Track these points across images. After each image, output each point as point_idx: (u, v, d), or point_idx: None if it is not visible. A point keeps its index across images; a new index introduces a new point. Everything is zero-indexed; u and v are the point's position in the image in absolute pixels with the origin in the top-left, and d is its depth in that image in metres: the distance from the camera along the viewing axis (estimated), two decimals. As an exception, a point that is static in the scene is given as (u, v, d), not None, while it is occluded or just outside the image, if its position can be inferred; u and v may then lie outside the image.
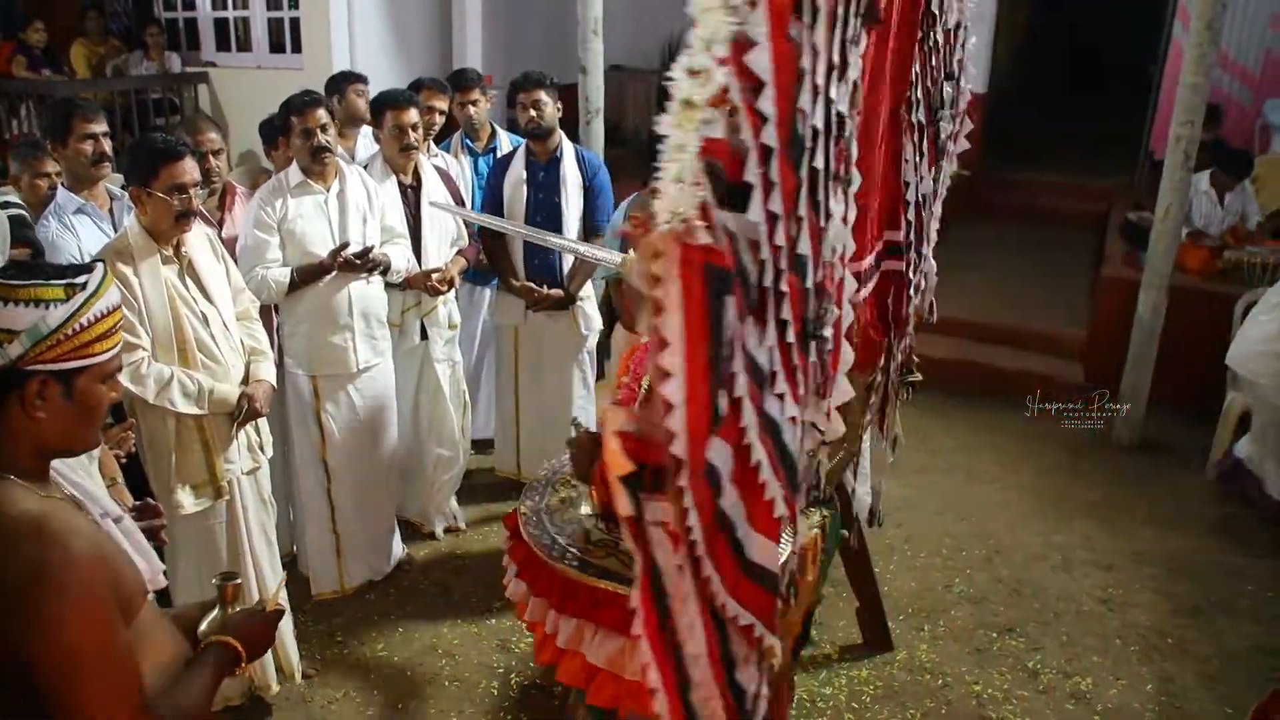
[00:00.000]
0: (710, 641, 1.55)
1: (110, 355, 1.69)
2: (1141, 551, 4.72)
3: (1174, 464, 5.63)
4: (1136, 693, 3.74)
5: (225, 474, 3.24)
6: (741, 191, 1.29)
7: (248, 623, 1.87)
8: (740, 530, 1.54)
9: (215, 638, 1.80)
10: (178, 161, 3.00)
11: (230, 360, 3.22)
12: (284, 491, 4.15)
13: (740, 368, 1.37)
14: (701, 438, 1.33)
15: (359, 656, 3.88)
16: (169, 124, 7.95)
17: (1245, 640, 4.06)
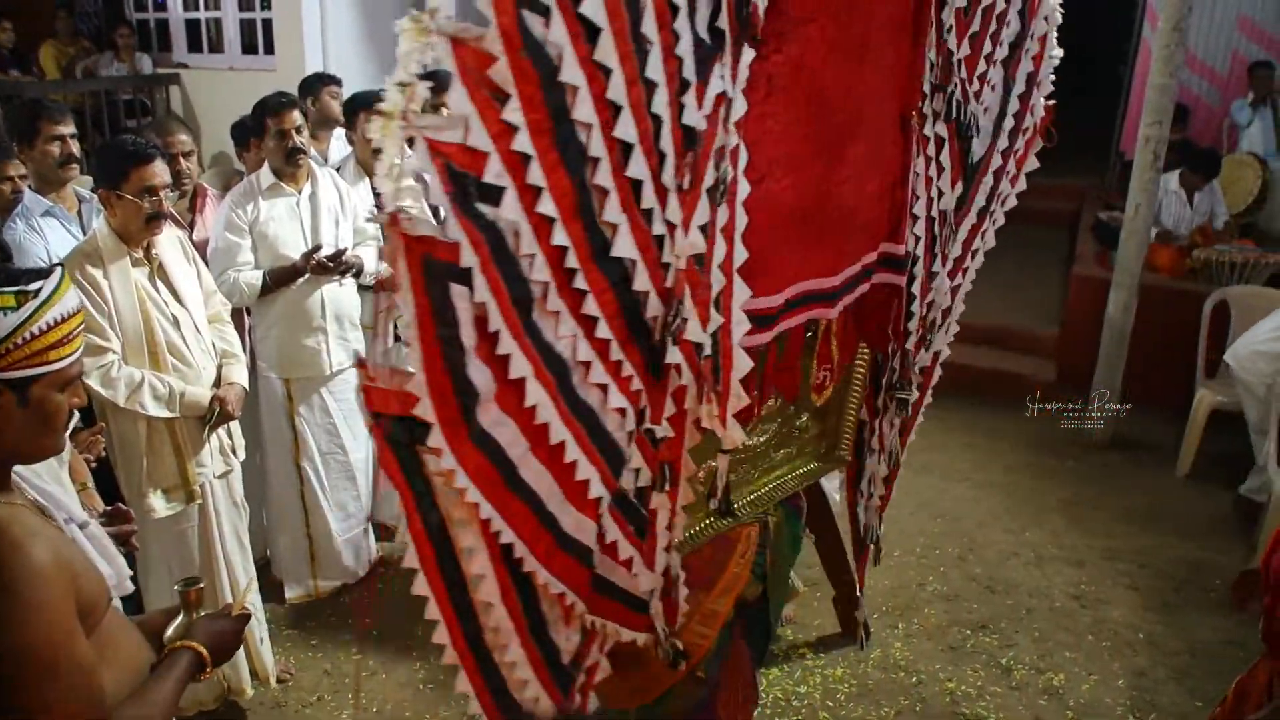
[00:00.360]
0: (508, 597, 1.80)
1: (67, 362, 1.65)
2: (1113, 548, 4.77)
3: (1144, 461, 5.69)
4: (1108, 688, 3.77)
5: (197, 478, 3.22)
6: (495, 190, 1.42)
7: (212, 627, 1.85)
8: (552, 504, 1.74)
9: (179, 643, 1.78)
10: (148, 164, 2.98)
11: (201, 363, 3.20)
12: (257, 495, 4.13)
13: (515, 349, 1.53)
14: (447, 402, 1.50)
15: (333, 660, 3.87)
16: (140, 126, 7.87)
17: (1215, 634, 4.10)
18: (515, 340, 1.55)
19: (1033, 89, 3.02)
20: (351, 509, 4.28)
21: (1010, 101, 2.90)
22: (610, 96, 1.52)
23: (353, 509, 4.29)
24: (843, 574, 3.98)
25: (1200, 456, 5.57)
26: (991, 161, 2.90)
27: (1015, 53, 2.83)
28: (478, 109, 1.37)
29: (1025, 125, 3.01)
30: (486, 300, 1.48)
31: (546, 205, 1.50)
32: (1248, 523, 4.91)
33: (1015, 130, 2.97)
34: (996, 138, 2.88)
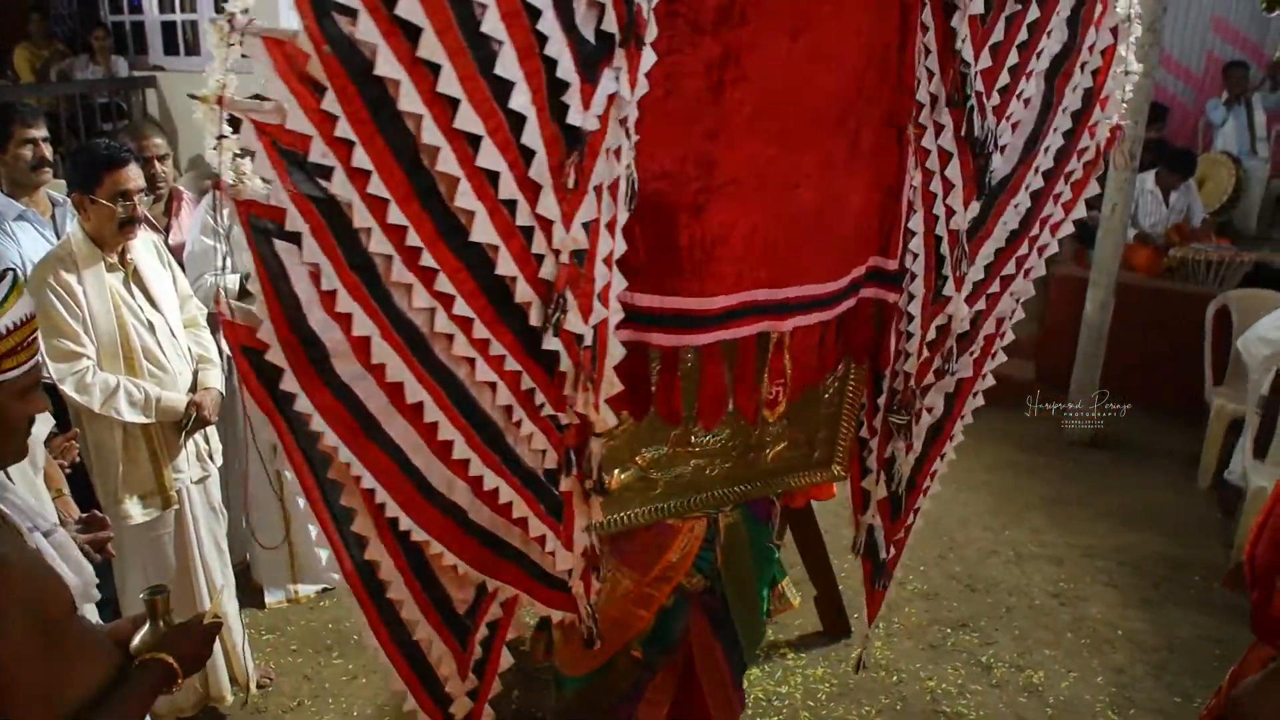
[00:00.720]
0: (384, 534, 1.94)
1: (22, 371, 1.61)
2: (1092, 546, 4.80)
3: (1123, 459, 5.73)
4: (1088, 684, 3.79)
5: (174, 483, 3.20)
6: (324, 167, 1.59)
7: (183, 637, 1.82)
8: (417, 459, 1.88)
9: (148, 654, 1.75)
10: (121, 168, 2.96)
11: (177, 368, 3.18)
12: (236, 500, 4.10)
13: (356, 309, 1.69)
14: (295, 350, 1.68)
15: (314, 665, 3.85)
16: (116, 129, 7.82)
17: (1193, 630, 4.14)
18: (356, 301, 1.70)
19: (1092, 107, 2.61)
20: (331, 513, 4.26)
21: (1058, 118, 2.56)
22: (442, 90, 1.62)
23: (332, 513, 4.26)
24: (823, 572, 4.00)
25: (1183, 456, 5.63)
26: (1025, 182, 2.57)
27: (1062, 65, 2.51)
28: (296, 99, 1.53)
29: (1083, 146, 2.63)
30: (320, 261, 1.64)
31: (377, 187, 1.63)
32: (1226, 519, 4.95)
33: (1066, 150, 2.62)
34: (1033, 157, 2.55)
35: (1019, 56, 2.40)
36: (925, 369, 2.65)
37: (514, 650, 2.32)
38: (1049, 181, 2.63)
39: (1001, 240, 2.62)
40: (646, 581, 2.55)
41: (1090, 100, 2.59)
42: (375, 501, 1.89)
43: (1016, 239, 2.66)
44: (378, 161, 1.62)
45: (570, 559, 2.17)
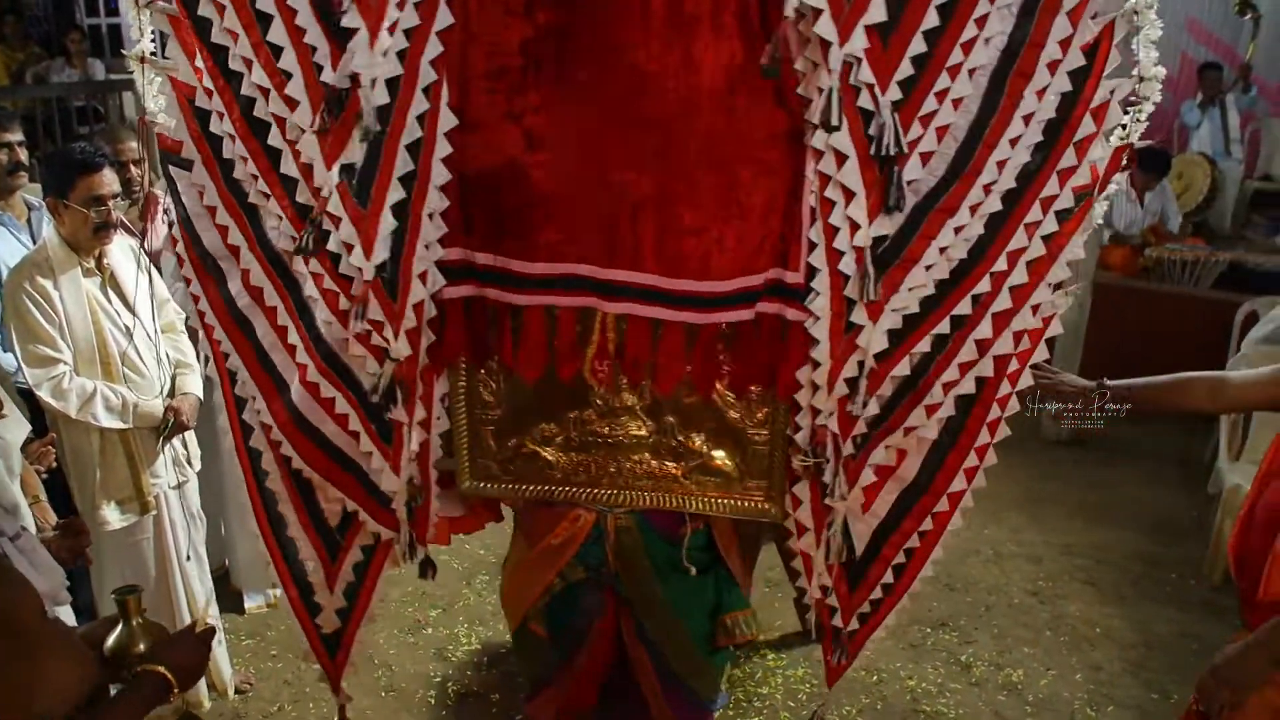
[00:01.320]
0: (279, 460, 2.40)
1: None
2: (1070, 544, 4.83)
3: (1099, 458, 5.78)
4: (1066, 682, 3.82)
5: (151, 488, 3.19)
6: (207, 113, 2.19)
7: (178, 647, 1.81)
8: (276, 358, 2.32)
9: (145, 667, 1.74)
10: (95, 173, 2.95)
11: (155, 373, 3.17)
12: (215, 505, 4.09)
13: (229, 221, 2.25)
14: (194, 260, 2.34)
15: (294, 670, 3.83)
16: (92, 132, 7.78)
17: (1169, 626, 4.17)
18: (230, 216, 2.24)
19: (1075, 119, 2.06)
20: (311, 517, 4.25)
21: (1015, 127, 2.05)
22: (240, 53, 2.10)
23: (312, 517, 4.25)
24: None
25: (1158, 454, 5.68)
26: (965, 200, 2.07)
27: (1014, 62, 2.01)
28: (185, 56, 2.15)
29: (1066, 166, 2.08)
30: (204, 183, 2.23)
31: (226, 125, 2.16)
32: (1204, 516, 4.99)
33: (1039, 170, 2.08)
34: (973, 170, 2.06)
35: (928, 44, 1.97)
36: (842, 405, 2.20)
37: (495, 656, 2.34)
38: (1015, 206, 2.09)
39: (945, 271, 2.12)
40: (532, 556, 2.60)
41: (1071, 109, 2.05)
42: (248, 394, 2.37)
43: (969, 272, 2.13)
44: (228, 108, 2.15)
45: (395, 483, 2.34)
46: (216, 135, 2.18)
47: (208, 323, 2.35)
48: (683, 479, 2.46)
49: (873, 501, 2.32)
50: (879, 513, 2.34)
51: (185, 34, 2.13)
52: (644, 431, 2.42)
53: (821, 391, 2.17)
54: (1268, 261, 6.65)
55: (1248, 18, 8.37)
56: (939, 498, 2.33)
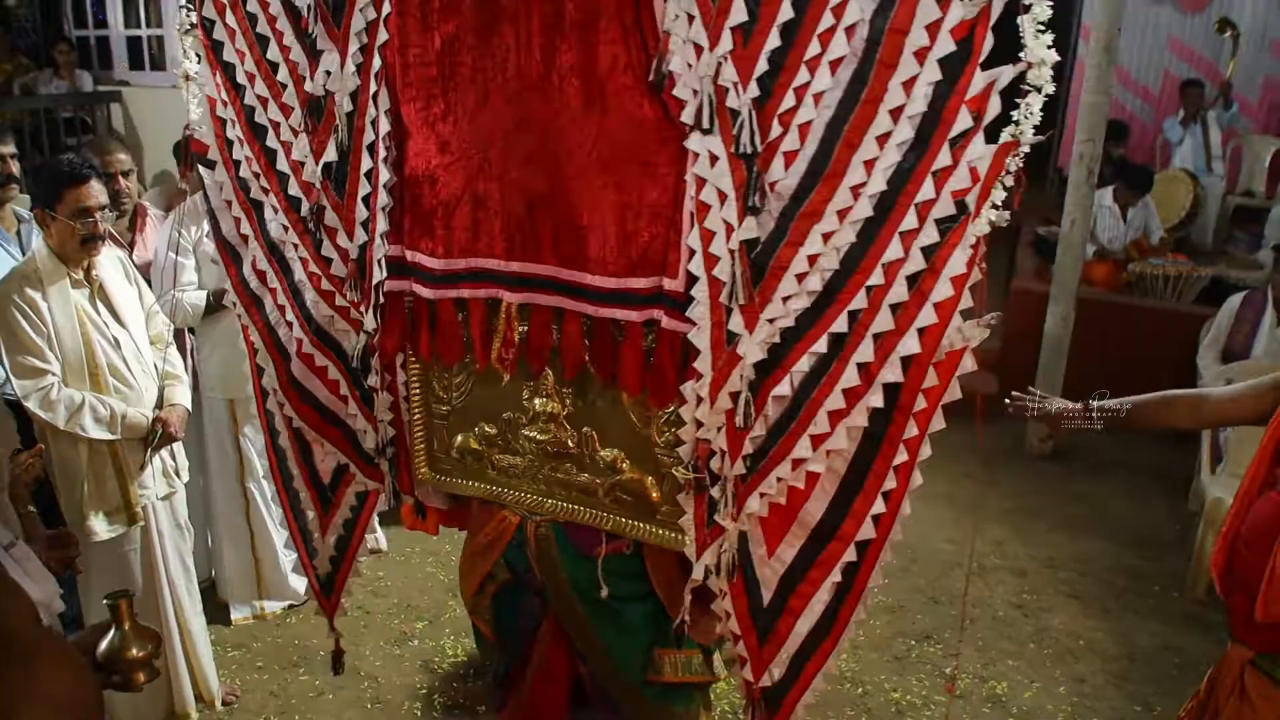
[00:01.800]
0: (286, 425, 2.80)
1: None
2: (1053, 557, 4.86)
3: (1081, 471, 5.82)
4: (1050, 694, 3.84)
5: (139, 500, 3.19)
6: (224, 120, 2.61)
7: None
8: (281, 333, 2.70)
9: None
10: (82, 185, 2.97)
11: (143, 385, 3.18)
12: (202, 517, 4.09)
13: (240, 213, 2.66)
14: (223, 250, 2.76)
15: (280, 682, 3.83)
16: (81, 144, 7.76)
17: (1152, 639, 4.20)
18: (242, 209, 2.64)
19: (949, 112, 1.82)
20: (298, 529, 4.25)
21: (882, 122, 1.86)
22: (245, 69, 2.50)
23: (299, 529, 4.26)
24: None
25: (1139, 467, 5.72)
26: (830, 204, 1.93)
27: (877, 51, 1.84)
28: (211, 73, 2.57)
29: (941, 166, 1.84)
30: (223, 180, 2.65)
31: (236, 130, 2.58)
32: (1186, 530, 5.03)
33: (913, 171, 1.87)
34: (836, 171, 1.91)
35: (784, 39, 1.88)
36: (733, 430, 2.10)
37: (482, 668, 2.35)
38: (888, 212, 1.91)
39: (818, 282, 1.98)
40: (470, 549, 2.80)
41: (944, 102, 1.83)
42: (264, 363, 2.76)
43: (842, 285, 1.97)
44: (235, 112, 2.56)
45: (374, 440, 2.67)
46: (230, 139, 2.60)
47: (234, 300, 2.76)
48: (601, 495, 2.46)
49: (775, 546, 2.18)
50: (784, 559, 2.18)
51: (209, 55, 2.57)
52: (570, 442, 2.46)
53: (705, 404, 2.09)
54: (1249, 276, 6.72)
55: (1227, 35, 8.47)
56: (846, 544, 2.14)
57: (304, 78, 2.43)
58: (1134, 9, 8.65)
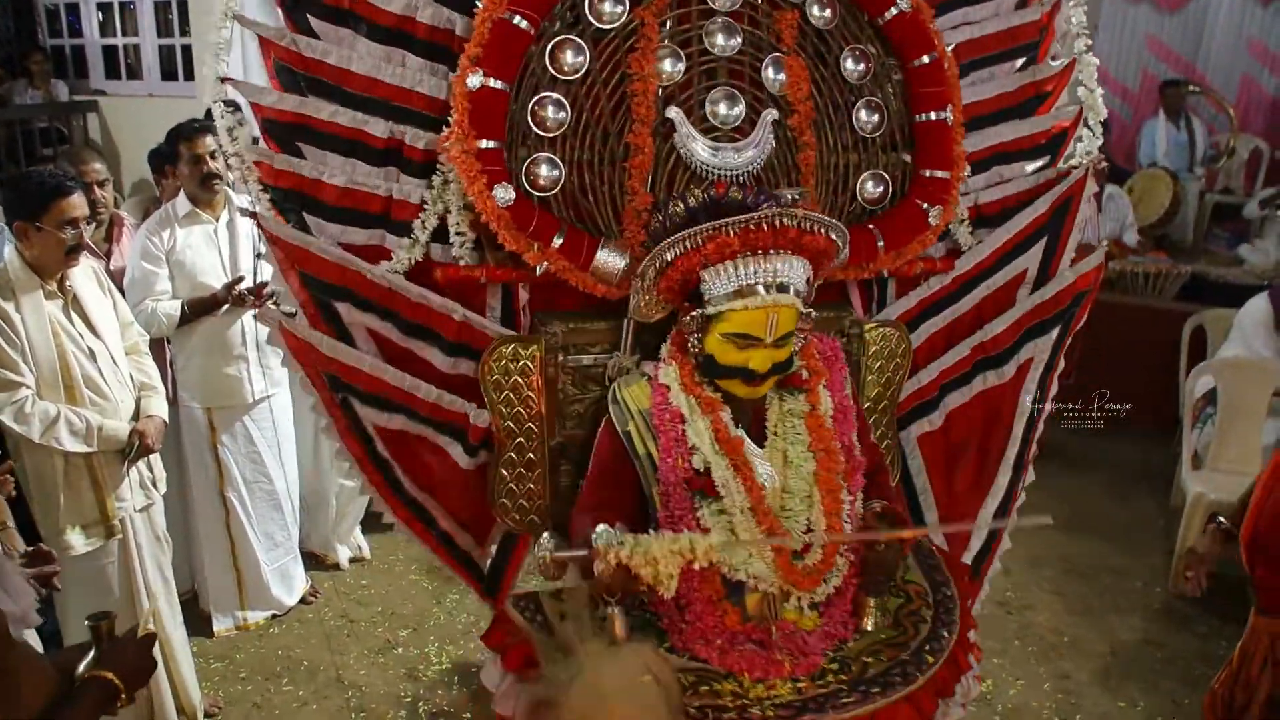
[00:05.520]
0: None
1: None
2: (1037, 555, 4.87)
3: (1063, 469, 5.81)
4: (1035, 691, 3.85)
5: (117, 512, 3.16)
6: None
7: (120, 653, 1.81)
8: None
9: (89, 673, 1.74)
10: (68, 196, 2.95)
11: (119, 396, 3.15)
12: (182, 527, 4.06)
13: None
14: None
15: (263, 693, 3.80)
16: (57, 154, 7.71)
17: (1135, 635, 4.22)
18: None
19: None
20: (279, 538, 4.23)
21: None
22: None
23: (280, 538, 4.24)
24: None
25: (1122, 464, 5.73)
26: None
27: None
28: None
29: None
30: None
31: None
32: (1168, 526, 5.05)
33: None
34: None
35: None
36: None
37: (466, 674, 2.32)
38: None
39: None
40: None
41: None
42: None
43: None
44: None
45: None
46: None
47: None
48: None
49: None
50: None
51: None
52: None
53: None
54: (1228, 273, 6.77)
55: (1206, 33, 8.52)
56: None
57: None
58: (1111, 8, 8.70)
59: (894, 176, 2.73)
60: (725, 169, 2.44)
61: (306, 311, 2.33)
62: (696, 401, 2.21)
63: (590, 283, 2.36)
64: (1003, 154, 2.92)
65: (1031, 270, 2.96)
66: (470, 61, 2.21)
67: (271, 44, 2.31)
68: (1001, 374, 2.96)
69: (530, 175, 2.33)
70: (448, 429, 2.45)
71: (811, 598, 2.16)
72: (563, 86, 2.35)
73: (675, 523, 2.15)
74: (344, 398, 2.38)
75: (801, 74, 2.51)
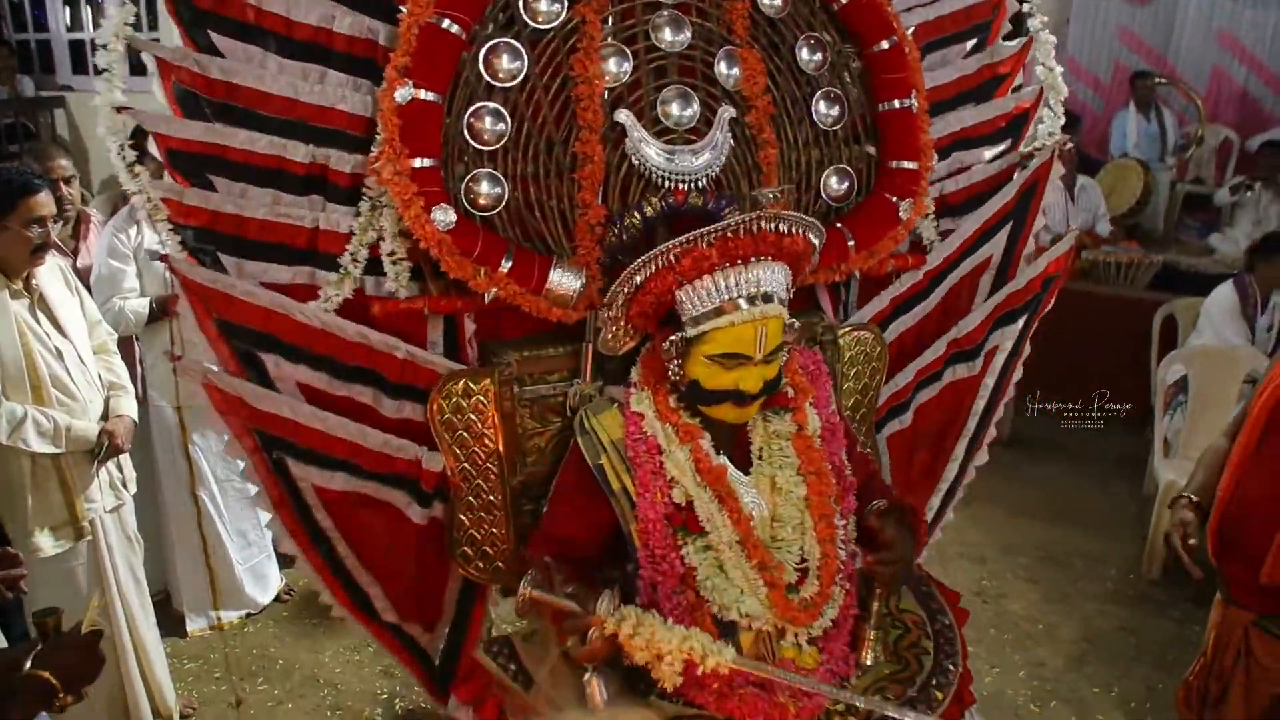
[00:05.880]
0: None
1: None
2: (1012, 543, 4.90)
3: (1039, 458, 5.86)
4: (1010, 679, 3.88)
5: (86, 514, 3.12)
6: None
7: (60, 651, 1.77)
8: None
9: (28, 671, 1.69)
10: (35, 195, 2.91)
11: (88, 396, 3.11)
12: (154, 527, 4.02)
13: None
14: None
15: (239, 692, 3.78)
16: (23, 151, 7.60)
17: (1109, 622, 4.25)
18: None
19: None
20: (252, 536, 4.21)
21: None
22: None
23: (253, 536, 4.21)
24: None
25: (1094, 452, 5.77)
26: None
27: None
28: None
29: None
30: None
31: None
32: (1141, 513, 5.09)
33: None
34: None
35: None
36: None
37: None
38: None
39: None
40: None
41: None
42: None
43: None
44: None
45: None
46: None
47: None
48: None
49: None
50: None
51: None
52: None
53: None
54: (1199, 263, 6.82)
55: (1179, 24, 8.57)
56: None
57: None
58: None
59: (859, 170, 2.61)
60: (682, 174, 2.27)
61: (227, 368, 2.10)
62: (674, 429, 2.06)
63: (544, 307, 2.18)
64: (963, 140, 2.82)
65: (995, 257, 2.89)
66: (397, 73, 2.01)
67: (170, 66, 2.04)
68: (972, 366, 2.93)
69: (470, 194, 2.14)
70: (397, 480, 2.26)
71: (809, 633, 2.03)
72: (500, 95, 2.16)
73: (656, 562, 2.01)
74: (278, 457, 2.16)
75: (757, 67, 2.37)
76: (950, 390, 2.93)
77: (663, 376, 2.09)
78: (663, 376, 2.09)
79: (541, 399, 2.29)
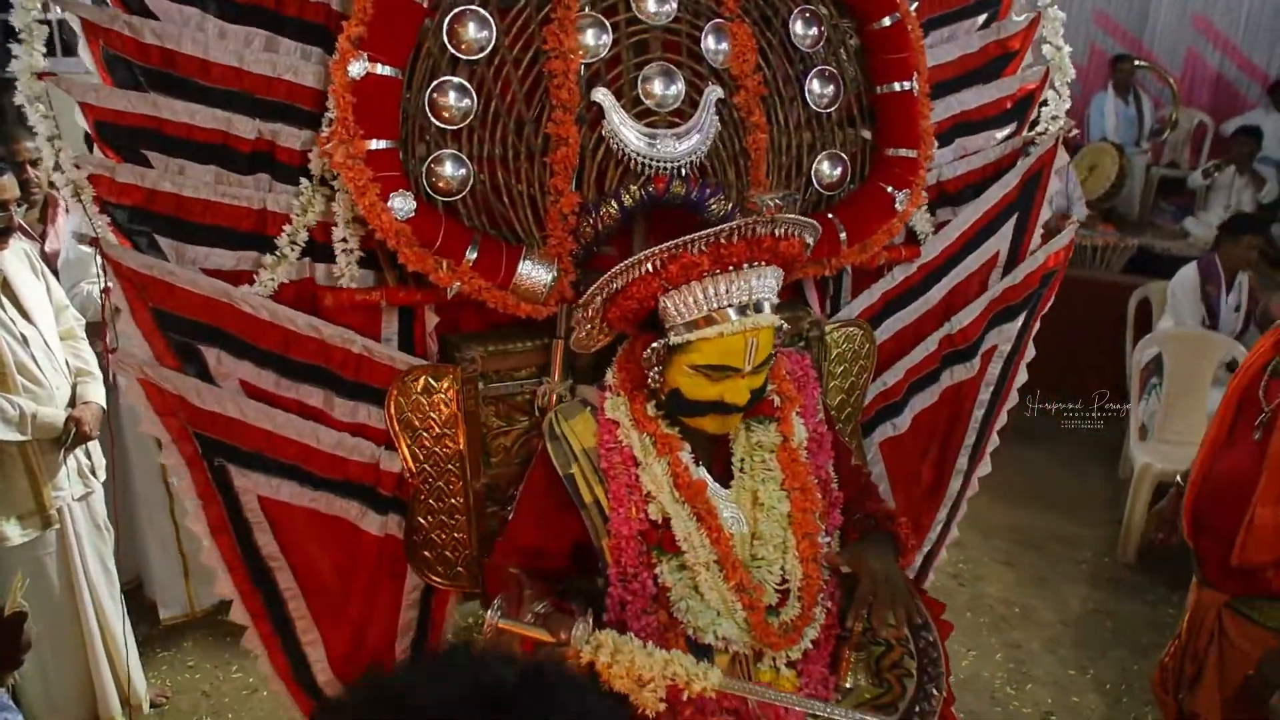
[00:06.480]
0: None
1: None
2: (988, 527, 4.91)
3: (1015, 441, 5.83)
4: (987, 661, 3.89)
5: (54, 502, 3.08)
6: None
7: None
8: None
9: None
10: None
11: (54, 382, 3.06)
12: (126, 515, 3.97)
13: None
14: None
15: (212, 680, 3.75)
16: (-9, 133, 7.50)
17: (1084, 604, 4.27)
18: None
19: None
20: (226, 524, 4.16)
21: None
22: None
23: (227, 524, 4.16)
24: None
25: (1070, 436, 5.79)
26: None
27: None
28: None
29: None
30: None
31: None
32: (1117, 496, 5.11)
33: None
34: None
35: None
36: None
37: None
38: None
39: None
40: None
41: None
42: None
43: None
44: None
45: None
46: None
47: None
48: None
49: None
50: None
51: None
52: None
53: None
54: (1173, 246, 6.85)
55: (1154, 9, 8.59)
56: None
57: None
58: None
59: (853, 156, 2.45)
60: (664, 159, 2.08)
61: (163, 362, 1.93)
62: (651, 440, 1.93)
63: (512, 302, 2.03)
64: (966, 123, 2.65)
65: (1003, 253, 2.74)
66: (351, 43, 1.82)
67: (97, 28, 1.86)
68: (970, 367, 2.79)
69: (432, 177, 1.97)
70: (349, 488, 2.11)
71: (787, 655, 1.92)
72: (465, 69, 1.98)
73: (629, 580, 1.89)
74: (220, 464, 1.99)
75: (747, 42, 2.18)
76: (949, 394, 2.80)
77: (640, 382, 1.95)
78: (640, 382, 1.95)
79: (507, 397, 2.16)
